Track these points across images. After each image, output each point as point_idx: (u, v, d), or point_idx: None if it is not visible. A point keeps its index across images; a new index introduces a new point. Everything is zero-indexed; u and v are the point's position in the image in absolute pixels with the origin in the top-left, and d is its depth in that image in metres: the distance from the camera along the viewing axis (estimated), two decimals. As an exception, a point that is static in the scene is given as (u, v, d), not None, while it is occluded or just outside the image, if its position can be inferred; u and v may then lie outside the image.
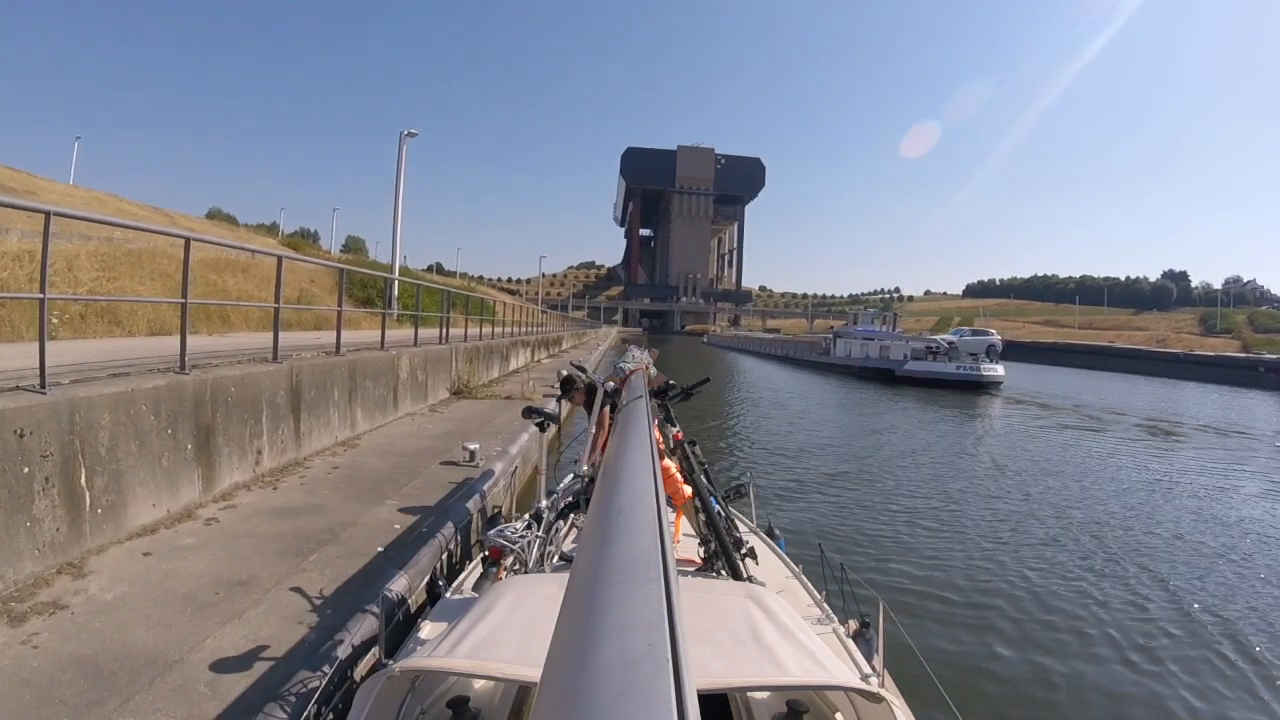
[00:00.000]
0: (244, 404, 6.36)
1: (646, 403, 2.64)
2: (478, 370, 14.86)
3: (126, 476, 4.98)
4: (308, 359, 7.75)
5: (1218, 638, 6.37)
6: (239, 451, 6.33)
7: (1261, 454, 18.53)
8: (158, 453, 5.33)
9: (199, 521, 5.39)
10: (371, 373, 9.17)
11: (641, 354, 5.07)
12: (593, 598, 0.66)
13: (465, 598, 3.73)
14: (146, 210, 36.82)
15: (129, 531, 4.98)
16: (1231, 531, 10.18)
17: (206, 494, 5.88)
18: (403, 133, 26.35)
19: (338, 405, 8.12)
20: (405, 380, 10.41)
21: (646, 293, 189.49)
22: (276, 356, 7.21)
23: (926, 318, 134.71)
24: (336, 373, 8.12)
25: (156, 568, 4.48)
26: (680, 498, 4.37)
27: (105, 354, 7.05)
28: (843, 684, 2.33)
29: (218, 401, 6.02)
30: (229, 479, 6.19)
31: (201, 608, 3.94)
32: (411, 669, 2.35)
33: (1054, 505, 11.19)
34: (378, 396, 9.38)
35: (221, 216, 68.39)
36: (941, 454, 16.58)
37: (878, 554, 8.38)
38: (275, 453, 6.86)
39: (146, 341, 11.13)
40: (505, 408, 11.85)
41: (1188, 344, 75.61)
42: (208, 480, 5.91)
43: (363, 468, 7.16)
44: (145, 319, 14.00)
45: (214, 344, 9.58)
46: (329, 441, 7.92)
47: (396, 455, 7.76)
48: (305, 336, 12.28)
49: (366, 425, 8.99)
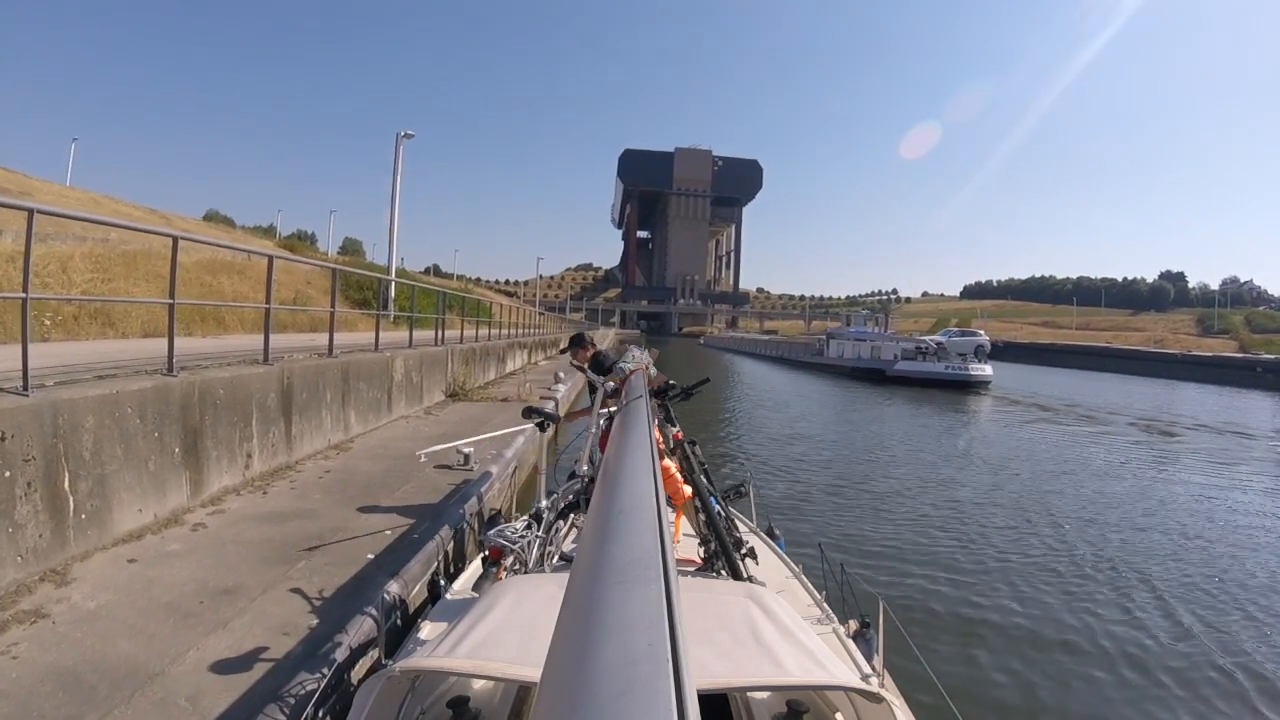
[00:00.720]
0: (233, 406, 6.26)
1: (646, 403, 2.63)
2: (474, 372, 14.75)
3: (111, 481, 4.88)
4: (300, 361, 7.65)
5: (1217, 635, 6.40)
6: (228, 455, 6.23)
7: (1257, 452, 18.65)
8: (144, 456, 5.23)
9: (186, 527, 5.29)
10: (365, 375, 9.06)
11: (641, 354, 5.07)
12: (593, 598, 0.67)
13: (465, 598, 3.73)
14: (142, 211, 36.52)
15: (114, 537, 4.87)
16: (1228, 531, 10.22)
17: (194, 498, 5.78)
18: (399, 134, 26.16)
19: (330, 408, 8.01)
20: (400, 382, 10.31)
21: (644, 294, 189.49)
22: (268, 358, 7.11)
23: (924, 319, 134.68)
24: (329, 375, 8.01)
25: (141, 575, 4.38)
26: (680, 498, 4.36)
27: (95, 355, 6.95)
28: (843, 684, 2.34)
29: (206, 404, 5.92)
30: (218, 483, 6.08)
31: (185, 617, 3.84)
32: (411, 669, 2.35)
33: (1052, 505, 11.22)
34: (371, 399, 9.28)
35: (219, 218, 68.16)
36: (936, 453, 16.77)
37: (878, 553, 8.38)
38: (266, 456, 6.76)
39: (139, 343, 11.01)
40: (501, 410, 11.74)
41: (1185, 345, 75.72)
42: (195, 484, 5.81)
43: (355, 471, 7.05)
44: (139, 321, 13.91)
45: (207, 346, 9.48)
46: (321, 444, 7.81)
47: (390, 458, 7.65)
48: (300, 338, 12.13)
49: (360, 428, 8.88)
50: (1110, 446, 18.26)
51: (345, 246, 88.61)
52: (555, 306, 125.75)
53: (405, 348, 11.25)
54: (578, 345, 6.19)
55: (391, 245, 26.88)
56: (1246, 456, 17.83)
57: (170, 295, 5.98)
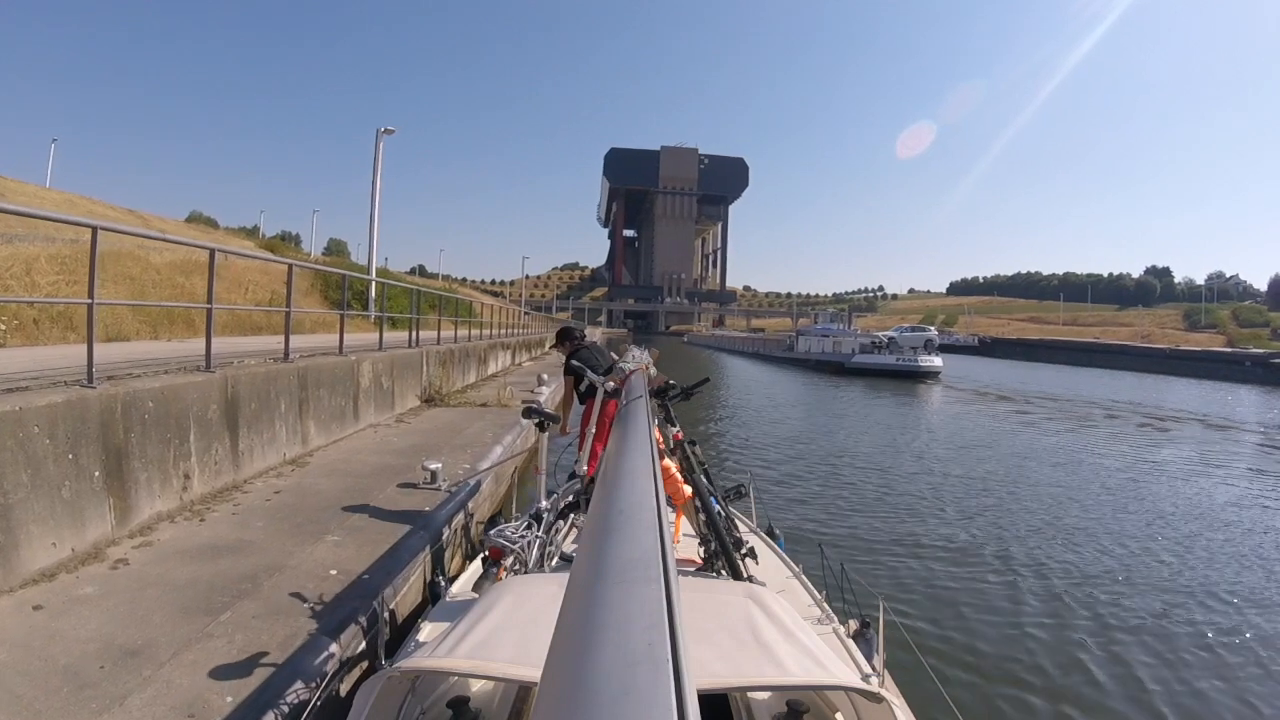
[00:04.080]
0: (165, 421, 5.48)
1: (646, 403, 2.64)
2: (452, 375, 13.96)
3: (17, 512, 4.14)
4: (248, 367, 6.85)
5: (1217, 633, 6.35)
6: (160, 477, 5.45)
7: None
8: (56, 482, 4.47)
9: (106, 564, 4.53)
10: (327, 381, 8.26)
11: (641, 354, 5.19)
12: (593, 598, 0.66)
13: (465, 598, 3.75)
14: (120, 212, 35.80)
15: (22, 578, 4.14)
16: (1224, 523, 10.30)
17: (121, 528, 5.01)
18: (379, 130, 25.48)
19: (285, 418, 7.21)
20: (367, 388, 9.50)
21: (631, 293, 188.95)
22: (210, 365, 6.33)
23: (911, 315, 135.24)
24: (283, 382, 7.20)
25: (43, 628, 3.65)
26: (680, 498, 4.33)
27: (33, 363, 6.24)
28: (843, 684, 2.33)
29: (132, 419, 5.15)
30: (149, 509, 5.31)
31: (80, 688, 3.12)
32: (411, 669, 2.35)
33: (1049, 505, 11.10)
34: (334, 407, 8.47)
35: (203, 220, 67.16)
36: (875, 424, 19.78)
37: (875, 545, 8.43)
38: (208, 476, 5.98)
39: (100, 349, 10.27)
40: (479, 416, 10.99)
41: (1173, 339, 76.31)
42: (121, 512, 5.05)
43: (308, 492, 6.25)
44: (102, 324, 13.22)
45: (162, 350, 8.68)
46: (275, 460, 7.02)
47: (350, 475, 6.85)
48: (274, 341, 11.27)
49: (321, 440, 8.08)
50: (1106, 445, 18.26)
51: (330, 247, 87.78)
52: (541, 306, 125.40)
53: (375, 350, 10.45)
54: (564, 340, 6.16)
55: (372, 241, 26.16)
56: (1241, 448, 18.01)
57: (89, 294, 5.18)
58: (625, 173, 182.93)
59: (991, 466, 14.01)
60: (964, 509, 10.46)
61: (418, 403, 11.80)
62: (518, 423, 10.56)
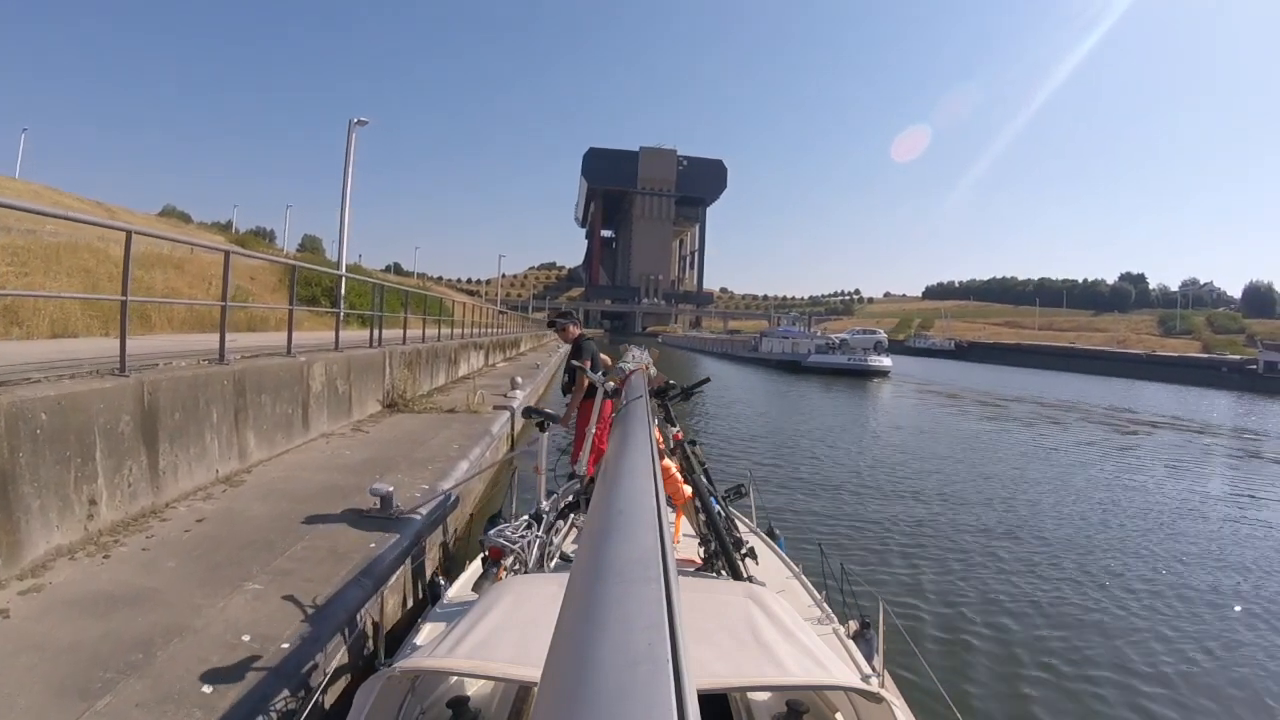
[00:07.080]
0: (63, 437, 4.60)
1: (646, 403, 2.66)
2: (419, 378, 13.05)
3: None
4: (174, 370, 5.94)
5: (1219, 633, 6.38)
6: (59, 504, 4.57)
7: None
8: (-83, 515, 3.64)
9: (-20, 616, 3.68)
10: (270, 385, 7.32)
11: (641, 354, 5.18)
12: (593, 598, 0.65)
13: (465, 598, 3.75)
14: (88, 205, 35.04)
15: None
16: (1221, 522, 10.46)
17: (9, 568, 4.14)
18: (351, 120, 24.39)
19: (217, 430, 6.29)
20: (320, 393, 8.56)
21: (608, 294, 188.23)
22: (124, 368, 5.45)
23: (887, 319, 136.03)
24: (215, 388, 6.27)
25: None
26: (680, 498, 4.30)
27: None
28: (843, 684, 2.32)
29: (20, 436, 4.27)
30: (44, 543, 4.44)
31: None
32: (411, 669, 2.33)
33: (1048, 503, 11.18)
34: (280, 415, 7.53)
35: (176, 214, 65.81)
36: (804, 410, 23.08)
37: (876, 547, 8.41)
38: (119, 501, 5.09)
39: (41, 345, 9.41)
40: (445, 424, 10.10)
41: (1149, 345, 77.32)
42: (10, 548, 4.17)
43: (237, 519, 5.32)
44: (48, 318, 12.37)
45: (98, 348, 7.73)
46: (205, 478, 6.10)
47: (289, 498, 5.92)
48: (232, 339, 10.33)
49: (263, 453, 7.15)
50: (1098, 442, 18.70)
51: (304, 243, 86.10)
52: (518, 305, 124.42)
53: (330, 350, 9.55)
54: (567, 321, 6.21)
55: (342, 234, 24.96)
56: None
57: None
58: (604, 173, 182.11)
59: (974, 459, 15.21)
60: (960, 505, 10.66)
61: (379, 408, 10.88)
62: (487, 432, 9.74)
